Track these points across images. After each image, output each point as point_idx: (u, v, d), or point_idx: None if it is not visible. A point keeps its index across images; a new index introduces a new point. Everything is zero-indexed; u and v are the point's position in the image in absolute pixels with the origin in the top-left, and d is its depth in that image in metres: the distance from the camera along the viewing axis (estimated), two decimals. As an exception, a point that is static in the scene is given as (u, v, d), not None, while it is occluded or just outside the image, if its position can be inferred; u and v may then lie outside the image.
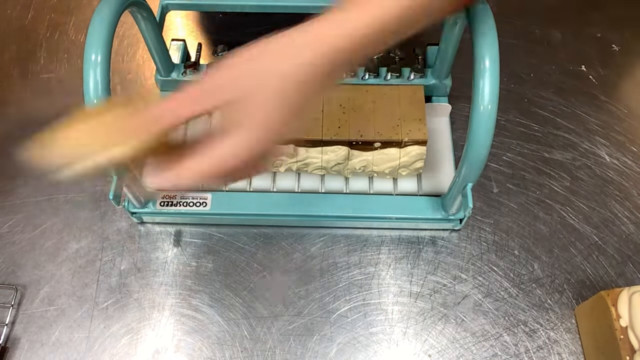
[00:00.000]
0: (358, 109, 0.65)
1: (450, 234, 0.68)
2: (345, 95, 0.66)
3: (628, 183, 0.72)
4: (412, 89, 0.67)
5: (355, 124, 0.63)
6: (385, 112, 0.64)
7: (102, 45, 0.51)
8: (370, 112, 0.64)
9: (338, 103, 0.65)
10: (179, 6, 0.75)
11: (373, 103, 0.65)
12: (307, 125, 0.63)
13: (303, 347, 0.61)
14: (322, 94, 0.55)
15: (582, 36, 0.84)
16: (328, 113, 0.64)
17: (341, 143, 0.63)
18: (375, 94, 0.66)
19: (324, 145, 0.64)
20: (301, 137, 0.63)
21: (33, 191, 0.71)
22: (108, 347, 0.61)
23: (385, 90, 0.66)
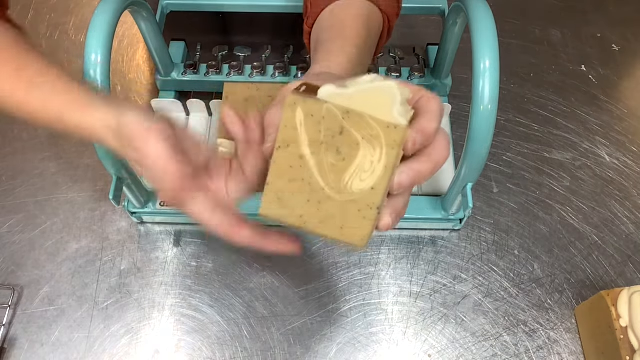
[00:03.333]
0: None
1: (450, 234, 0.68)
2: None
3: (628, 183, 0.72)
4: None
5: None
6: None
7: (102, 45, 0.51)
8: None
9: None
10: (179, 6, 0.75)
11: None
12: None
13: (303, 347, 0.61)
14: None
15: (582, 36, 0.84)
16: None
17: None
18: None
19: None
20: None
21: (33, 191, 0.71)
22: (108, 347, 0.61)
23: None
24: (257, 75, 0.73)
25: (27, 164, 0.72)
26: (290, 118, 0.36)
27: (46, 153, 0.73)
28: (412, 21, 0.85)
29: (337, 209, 0.37)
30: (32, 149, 0.74)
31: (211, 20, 0.85)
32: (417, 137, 0.36)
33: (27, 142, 0.74)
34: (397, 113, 0.35)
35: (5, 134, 0.75)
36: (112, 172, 0.57)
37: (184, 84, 0.75)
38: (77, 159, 0.73)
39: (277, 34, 0.84)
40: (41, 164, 0.73)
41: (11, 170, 0.72)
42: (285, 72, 0.73)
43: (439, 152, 0.37)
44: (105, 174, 0.71)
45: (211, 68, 0.74)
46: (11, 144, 0.74)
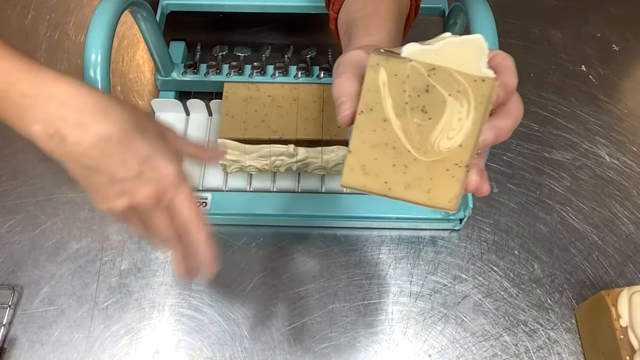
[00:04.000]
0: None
1: (450, 234, 0.68)
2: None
3: (628, 183, 0.72)
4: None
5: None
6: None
7: (102, 45, 0.51)
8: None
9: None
10: (179, 6, 0.75)
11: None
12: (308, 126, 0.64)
13: (303, 347, 0.61)
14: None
15: (582, 36, 0.84)
16: (328, 114, 0.64)
17: (341, 143, 0.64)
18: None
19: (324, 145, 0.64)
20: (301, 137, 0.63)
21: (33, 191, 0.71)
22: (108, 347, 0.61)
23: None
24: (257, 75, 0.73)
25: (27, 164, 0.72)
26: (373, 79, 0.35)
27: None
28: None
29: (424, 170, 0.35)
30: (32, 149, 0.74)
31: (211, 20, 0.85)
32: (500, 91, 0.35)
33: (27, 142, 0.74)
34: (484, 66, 0.35)
35: (5, 134, 0.75)
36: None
37: (184, 84, 0.75)
38: (77, 159, 0.73)
39: (277, 34, 0.84)
40: (41, 164, 0.72)
41: (11, 170, 0.72)
42: (285, 72, 0.73)
43: (518, 109, 0.37)
44: (105, 174, 0.70)
45: (211, 68, 0.74)
46: (11, 144, 0.74)
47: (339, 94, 0.38)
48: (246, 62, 0.75)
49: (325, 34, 0.81)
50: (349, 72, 0.38)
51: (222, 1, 0.74)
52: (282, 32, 0.84)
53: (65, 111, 0.38)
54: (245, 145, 0.63)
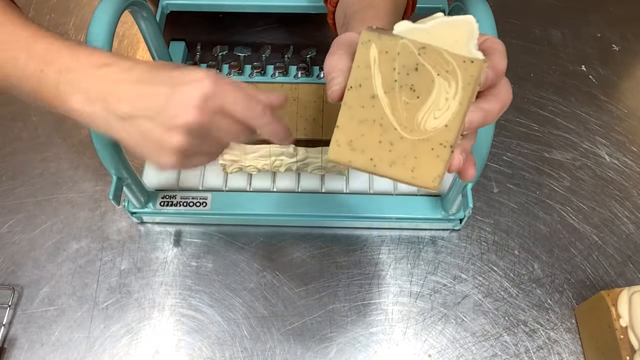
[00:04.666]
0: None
1: (450, 234, 0.68)
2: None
3: (628, 183, 0.72)
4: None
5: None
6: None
7: (102, 45, 0.51)
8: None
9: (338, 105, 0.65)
10: (179, 6, 0.75)
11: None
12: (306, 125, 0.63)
13: (303, 347, 0.61)
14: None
15: (582, 36, 0.84)
16: (328, 114, 0.64)
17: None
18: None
19: (324, 145, 0.64)
20: (301, 137, 0.63)
21: (33, 191, 0.71)
22: (108, 347, 0.61)
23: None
24: (257, 75, 0.73)
25: (27, 164, 0.72)
26: (364, 56, 0.35)
27: (46, 153, 0.73)
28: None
29: (409, 149, 0.36)
30: (32, 149, 0.74)
31: (211, 20, 0.85)
32: (489, 73, 0.36)
33: (27, 142, 0.74)
34: (473, 47, 0.35)
35: (5, 134, 0.75)
36: (112, 172, 0.57)
37: (184, 84, 0.75)
38: (77, 159, 0.73)
39: (277, 34, 0.84)
40: (41, 164, 0.73)
41: (11, 170, 0.72)
42: (285, 72, 0.73)
43: (506, 93, 0.37)
44: (105, 174, 0.71)
45: (211, 68, 0.74)
46: (11, 144, 0.74)
47: (331, 69, 0.38)
48: (246, 62, 0.75)
49: (325, 34, 0.81)
50: (342, 50, 0.39)
51: (222, 1, 0.74)
52: (282, 32, 0.84)
53: (104, 74, 0.40)
54: (245, 145, 0.63)
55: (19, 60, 0.41)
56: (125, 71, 0.40)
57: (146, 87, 0.39)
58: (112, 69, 0.40)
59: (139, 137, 0.39)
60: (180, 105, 0.38)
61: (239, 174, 0.68)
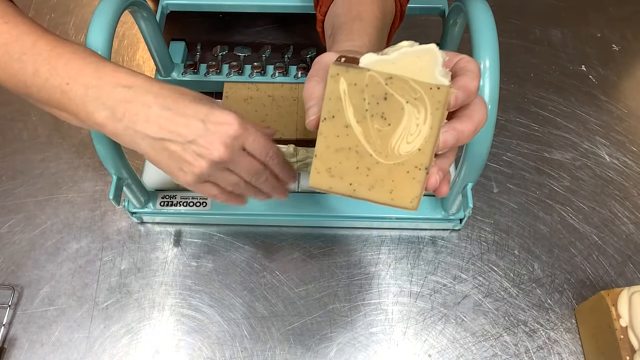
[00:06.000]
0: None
1: (450, 234, 0.68)
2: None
3: (628, 183, 0.72)
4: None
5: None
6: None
7: (102, 45, 0.51)
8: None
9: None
10: (179, 6, 0.75)
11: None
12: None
13: (303, 347, 0.61)
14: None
15: (582, 36, 0.84)
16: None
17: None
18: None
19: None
20: (301, 137, 0.63)
21: (33, 191, 0.71)
22: (108, 347, 0.61)
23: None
24: (257, 75, 0.73)
25: (27, 164, 0.72)
26: (334, 89, 0.37)
27: (46, 153, 0.73)
28: (412, 21, 0.85)
29: (385, 173, 0.38)
30: (32, 149, 0.74)
31: (211, 20, 0.85)
32: (459, 94, 0.37)
33: (27, 142, 0.74)
34: (439, 74, 0.36)
35: (5, 134, 0.75)
36: (112, 172, 0.57)
37: (184, 84, 0.75)
38: (77, 159, 0.73)
39: (277, 34, 0.84)
40: (41, 164, 0.73)
41: (11, 170, 0.72)
42: (285, 72, 0.73)
43: (479, 113, 0.39)
44: (105, 174, 0.71)
45: (211, 68, 0.74)
46: (11, 144, 0.74)
47: (307, 97, 0.40)
48: (246, 62, 0.75)
49: (325, 34, 0.81)
50: (319, 76, 0.40)
51: (222, 1, 0.74)
52: (282, 32, 0.84)
53: (131, 95, 0.43)
54: (245, 145, 0.63)
55: (41, 72, 0.44)
56: (152, 95, 0.43)
57: (177, 117, 0.43)
58: (138, 91, 0.43)
59: (165, 155, 0.44)
60: (213, 141, 0.43)
61: (239, 174, 0.68)
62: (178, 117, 0.43)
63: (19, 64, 0.44)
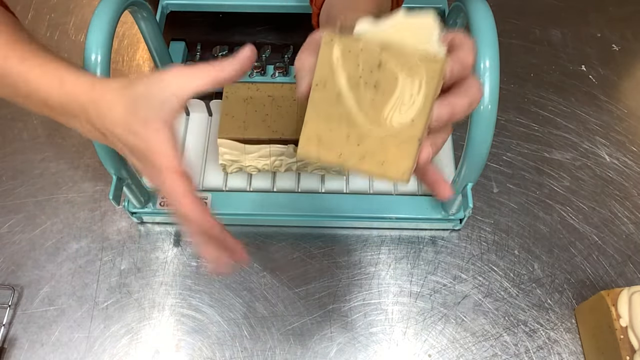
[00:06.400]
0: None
1: (450, 234, 0.68)
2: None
3: (628, 183, 0.72)
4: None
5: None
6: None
7: (102, 45, 0.51)
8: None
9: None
10: (179, 6, 0.75)
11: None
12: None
13: (303, 347, 0.61)
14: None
15: (582, 36, 0.84)
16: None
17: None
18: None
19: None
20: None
21: (33, 191, 0.71)
22: (108, 347, 0.61)
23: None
24: (257, 75, 0.73)
25: (27, 164, 0.72)
26: (327, 56, 0.36)
27: (46, 153, 0.73)
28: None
29: (377, 144, 0.36)
30: (32, 149, 0.74)
31: (211, 20, 0.85)
32: (455, 67, 0.36)
33: (27, 142, 0.74)
34: (435, 43, 0.35)
35: (5, 134, 0.75)
36: (112, 172, 0.57)
37: (184, 84, 0.75)
38: (77, 159, 0.73)
39: (277, 34, 0.84)
40: (41, 164, 0.73)
41: (11, 170, 0.72)
42: (285, 72, 0.73)
43: (474, 89, 0.38)
44: (105, 174, 0.71)
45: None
46: (11, 144, 0.74)
47: (299, 68, 0.39)
48: (246, 62, 0.75)
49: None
50: (311, 48, 0.39)
51: (222, 1, 0.74)
52: (282, 32, 0.84)
53: (110, 115, 0.43)
54: (245, 145, 0.63)
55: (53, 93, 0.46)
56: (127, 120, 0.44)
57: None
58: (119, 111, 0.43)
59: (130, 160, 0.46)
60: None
61: (239, 174, 0.68)
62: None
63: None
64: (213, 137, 0.71)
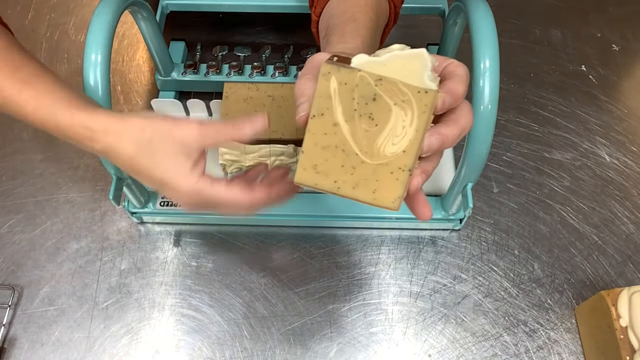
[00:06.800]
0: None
1: (450, 234, 0.68)
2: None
3: (628, 183, 0.72)
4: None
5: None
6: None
7: (102, 45, 0.51)
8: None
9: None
10: (179, 6, 0.75)
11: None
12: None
13: (303, 347, 0.61)
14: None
15: (582, 36, 0.84)
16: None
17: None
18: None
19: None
20: (301, 137, 0.63)
21: (33, 191, 0.71)
22: (108, 347, 0.61)
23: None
24: (257, 75, 0.73)
25: (27, 164, 0.72)
26: (325, 87, 0.38)
27: (46, 153, 0.73)
28: (412, 21, 0.85)
29: (370, 172, 0.38)
30: (32, 149, 0.74)
31: (211, 20, 0.85)
32: (447, 98, 0.37)
33: (27, 142, 0.74)
34: (427, 78, 0.37)
35: (5, 134, 0.75)
36: (112, 172, 0.57)
37: (184, 84, 0.75)
38: (77, 159, 0.73)
39: (277, 34, 0.84)
40: (41, 164, 0.73)
41: (11, 170, 0.72)
42: (285, 72, 0.73)
43: (465, 118, 0.39)
44: (105, 174, 0.71)
45: (211, 68, 0.74)
46: (11, 144, 0.74)
47: (299, 94, 0.41)
48: (246, 62, 0.75)
49: (325, 34, 0.81)
50: (311, 74, 0.41)
51: (222, 1, 0.74)
52: (282, 32, 0.84)
53: (117, 143, 0.44)
54: (245, 145, 0.63)
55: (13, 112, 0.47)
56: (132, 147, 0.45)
57: (139, 171, 0.46)
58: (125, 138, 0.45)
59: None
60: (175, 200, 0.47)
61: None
62: (139, 172, 0.46)
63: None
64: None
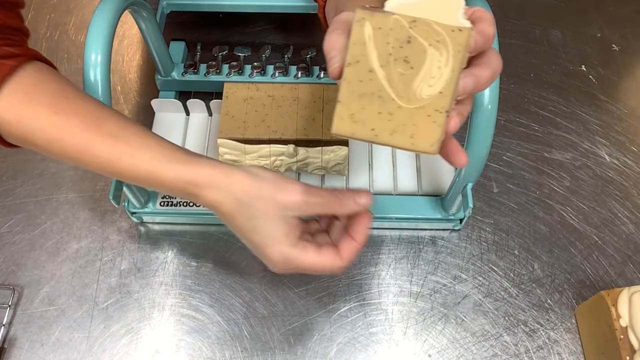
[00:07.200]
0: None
1: (450, 234, 0.68)
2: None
3: (628, 183, 0.72)
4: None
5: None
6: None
7: (102, 45, 0.51)
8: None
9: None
10: (179, 6, 0.75)
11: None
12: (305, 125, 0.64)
13: (303, 347, 0.61)
14: None
15: (582, 36, 0.84)
16: (328, 114, 0.64)
17: (341, 143, 0.64)
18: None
19: (324, 145, 0.64)
20: (301, 137, 0.63)
21: (33, 191, 0.71)
22: (108, 347, 0.61)
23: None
24: (257, 75, 0.73)
25: (27, 164, 0.72)
26: (359, 33, 0.37)
27: (46, 153, 0.73)
28: None
29: (407, 117, 0.38)
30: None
31: (211, 20, 0.85)
32: (478, 39, 0.37)
33: (27, 142, 0.74)
34: (461, 17, 0.37)
35: (5, 134, 0.75)
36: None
37: (184, 84, 0.75)
38: (77, 159, 0.73)
39: (277, 34, 0.84)
40: (41, 164, 0.73)
41: (11, 170, 0.72)
42: (285, 72, 0.73)
43: (496, 60, 0.39)
44: (105, 174, 0.71)
45: (211, 68, 0.74)
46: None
47: (329, 48, 0.40)
48: (246, 62, 0.75)
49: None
50: (340, 28, 0.40)
51: (222, 1, 0.74)
52: (282, 32, 0.84)
53: (220, 198, 0.45)
54: (245, 145, 0.63)
55: (107, 170, 0.47)
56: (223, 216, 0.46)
57: (237, 231, 0.47)
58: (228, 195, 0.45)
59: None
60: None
61: (239, 174, 0.68)
62: (239, 233, 0.47)
63: (79, 158, 0.46)
64: (213, 137, 0.71)
